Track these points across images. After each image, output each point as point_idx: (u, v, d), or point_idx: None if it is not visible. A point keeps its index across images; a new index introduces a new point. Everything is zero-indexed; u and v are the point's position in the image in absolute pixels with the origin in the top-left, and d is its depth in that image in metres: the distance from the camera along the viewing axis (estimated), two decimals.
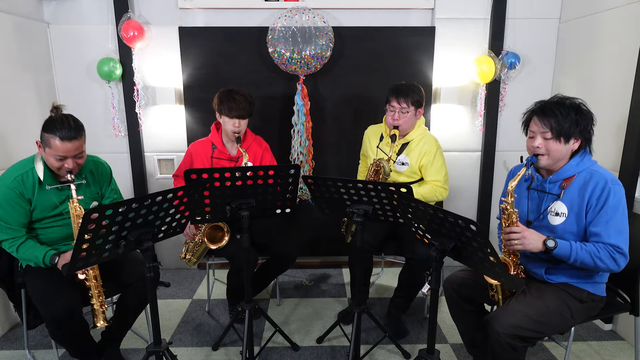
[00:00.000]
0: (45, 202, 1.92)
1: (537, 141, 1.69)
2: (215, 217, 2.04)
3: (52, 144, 1.80)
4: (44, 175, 1.89)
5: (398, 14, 3.09)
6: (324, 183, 1.97)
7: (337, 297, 2.98)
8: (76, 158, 1.87)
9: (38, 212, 1.92)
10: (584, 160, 1.70)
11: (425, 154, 2.39)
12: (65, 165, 1.85)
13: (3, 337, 2.50)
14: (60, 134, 1.79)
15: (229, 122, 2.39)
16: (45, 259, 1.85)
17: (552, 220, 1.73)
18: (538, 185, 1.80)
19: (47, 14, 2.99)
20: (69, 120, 1.83)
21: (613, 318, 2.53)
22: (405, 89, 2.34)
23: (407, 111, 2.35)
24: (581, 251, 1.62)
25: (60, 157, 1.83)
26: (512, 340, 1.60)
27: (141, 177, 3.24)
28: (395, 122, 2.35)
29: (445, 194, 2.41)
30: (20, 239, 1.88)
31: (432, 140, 2.43)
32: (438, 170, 2.39)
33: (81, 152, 1.89)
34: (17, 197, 1.85)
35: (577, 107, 1.66)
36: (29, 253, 1.87)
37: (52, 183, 1.91)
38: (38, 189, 1.90)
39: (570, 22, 2.95)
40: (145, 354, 1.73)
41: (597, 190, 1.63)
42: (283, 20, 2.87)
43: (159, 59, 3.09)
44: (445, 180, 2.41)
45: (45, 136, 1.82)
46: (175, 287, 3.16)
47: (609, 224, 1.61)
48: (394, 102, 2.35)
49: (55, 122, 1.81)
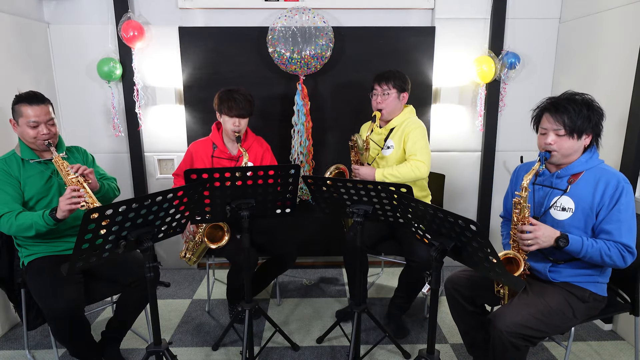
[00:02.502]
0: (33, 179, 1.98)
1: (550, 138, 1.69)
2: (215, 217, 2.04)
3: (23, 111, 1.94)
4: (22, 150, 2.00)
5: (398, 14, 3.09)
6: (324, 183, 1.97)
7: (337, 297, 2.98)
8: (48, 125, 1.98)
9: (30, 190, 1.98)
10: (592, 158, 1.71)
11: (405, 134, 2.44)
12: (40, 131, 1.95)
13: (3, 337, 2.50)
14: (28, 100, 1.95)
15: (229, 121, 2.39)
16: (44, 216, 1.86)
17: (557, 215, 1.73)
18: (545, 180, 1.80)
19: (47, 14, 2.99)
20: (33, 92, 1.99)
21: (613, 318, 2.53)
22: (386, 73, 2.46)
23: (388, 93, 2.43)
24: (592, 249, 1.62)
25: (33, 122, 1.94)
26: (514, 339, 1.60)
27: (141, 177, 3.24)
28: (379, 104, 2.46)
29: (424, 168, 2.35)
30: (17, 210, 1.92)
31: (413, 121, 2.46)
32: (414, 144, 2.39)
33: (52, 119, 2.00)
34: (4, 175, 1.95)
35: (589, 103, 1.67)
36: (27, 217, 1.89)
37: (33, 157, 2.01)
38: (22, 167, 1.99)
39: (570, 22, 2.95)
40: (145, 354, 1.73)
41: (610, 188, 1.63)
42: (283, 20, 2.87)
43: (159, 59, 3.09)
44: (421, 153, 2.36)
45: (16, 108, 1.96)
46: (175, 287, 3.16)
47: (621, 223, 1.62)
48: (376, 85, 2.47)
49: (21, 94, 1.99)
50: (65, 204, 1.81)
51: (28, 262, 2.00)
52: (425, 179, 2.50)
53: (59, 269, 1.85)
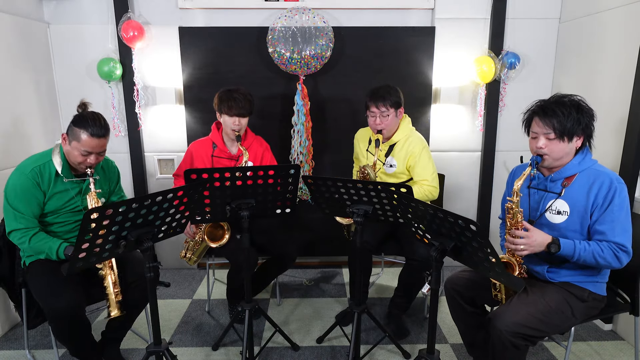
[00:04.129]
0: (59, 195, 1.95)
1: (541, 142, 1.69)
2: (215, 217, 2.04)
3: (82, 138, 1.86)
4: (62, 168, 1.94)
5: (398, 14, 3.09)
6: (324, 183, 1.97)
7: (337, 297, 2.98)
8: (99, 155, 1.94)
9: (51, 205, 1.94)
10: (585, 160, 1.71)
11: (410, 155, 2.41)
12: (88, 160, 1.91)
13: (3, 337, 2.50)
14: (92, 130, 1.86)
15: (229, 120, 2.39)
16: (59, 250, 1.85)
17: (553, 218, 1.74)
18: (539, 184, 1.81)
19: (47, 14, 3.00)
20: (100, 119, 1.91)
21: (613, 318, 2.53)
22: (382, 92, 2.35)
23: (388, 114, 2.36)
24: (584, 252, 1.62)
25: (85, 152, 1.89)
26: (514, 339, 1.60)
27: (141, 177, 3.24)
28: (378, 126, 2.37)
29: (435, 192, 2.40)
30: (34, 230, 1.90)
31: (416, 140, 2.44)
32: (424, 168, 2.39)
33: (104, 150, 1.97)
34: (33, 187, 1.88)
35: (578, 105, 1.66)
36: (42, 244, 1.87)
37: (69, 176, 1.96)
38: (54, 181, 1.94)
39: (570, 22, 2.95)
40: (145, 354, 1.74)
41: (603, 189, 1.64)
42: (283, 20, 2.87)
43: (159, 58, 3.09)
44: (433, 179, 2.40)
45: (76, 130, 1.87)
46: (175, 287, 3.16)
47: (615, 223, 1.62)
48: (373, 107, 2.36)
49: (87, 118, 1.88)
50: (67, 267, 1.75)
51: (29, 263, 1.99)
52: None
53: (60, 269, 1.85)
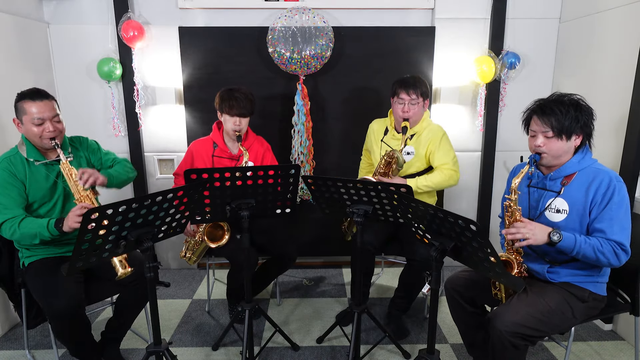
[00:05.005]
0: (39, 183, 1.93)
1: (539, 140, 1.70)
2: (215, 217, 2.04)
3: (27, 108, 1.88)
4: (28, 152, 1.93)
5: (398, 14, 3.09)
6: (324, 183, 1.97)
7: (337, 297, 2.98)
8: (54, 121, 1.91)
9: (35, 193, 1.93)
10: (585, 158, 1.71)
11: (431, 141, 2.42)
12: (46, 131, 1.89)
13: (3, 337, 2.50)
14: (31, 96, 1.89)
15: (229, 120, 2.39)
16: (49, 225, 1.81)
17: (552, 217, 1.74)
18: (538, 182, 1.81)
19: (47, 14, 2.99)
20: (36, 88, 1.94)
21: (613, 318, 2.53)
22: (412, 80, 2.37)
23: (417, 102, 2.37)
24: (585, 245, 1.62)
25: (38, 119, 1.88)
26: (513, 339, 1.60)
27: (141, 177, 3.23)
28: (406, 114, 2.36)
29: (456, 176, 2.41)
30: (21, 216, 1.86)
31: (437, 128, 2.46)
32: (446, 153, 2.41)
33: (57, 115, 1.94)
34: (9, 177, 1.88)
35: (576, 104, 1.67)
36: (32, 226, 1.83)
37: (39, 158, 1.95)
38: (28, 168, 1.93)
39: (570, 22, 2.95)
40: (145, 354, 1.74)
41: (602, 187, 1.64)
42: (283, 20, 2.87)
43: (159, 58, 3.09)
44: (454, 162, 2.42)
45: (19, 106, 1.90)
46: (175, 287, 3.16)
47: (613, 221, 1.62)
48: (403, 94, 2.35)
49: (23, 92, 1.92)
50: (74, 221, 1.74)
51: (28, 263, 1.99)
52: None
53: (59, 268, 1.85)
